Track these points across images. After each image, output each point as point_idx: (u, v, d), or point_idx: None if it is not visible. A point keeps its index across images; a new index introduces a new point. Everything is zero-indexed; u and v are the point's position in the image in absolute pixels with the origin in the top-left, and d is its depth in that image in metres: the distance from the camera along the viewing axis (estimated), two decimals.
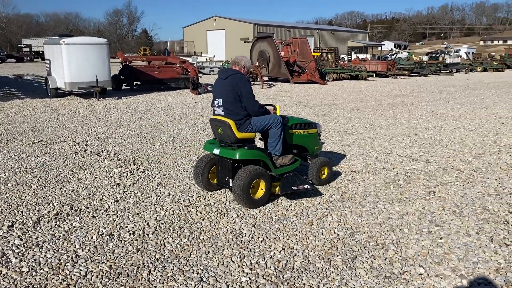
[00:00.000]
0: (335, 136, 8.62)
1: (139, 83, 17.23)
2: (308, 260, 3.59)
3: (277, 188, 4.77)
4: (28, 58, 43.08)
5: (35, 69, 29.74)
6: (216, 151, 4.76)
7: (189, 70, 16.90)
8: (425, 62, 36.42)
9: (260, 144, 5.46)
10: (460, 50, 52.98)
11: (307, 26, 69.82)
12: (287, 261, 3.57)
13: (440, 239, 4.01)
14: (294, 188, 4.72)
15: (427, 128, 9.54)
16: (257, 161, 4.78)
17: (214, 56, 38.73)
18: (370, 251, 3.77)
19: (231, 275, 3.33)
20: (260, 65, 20.92)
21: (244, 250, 3.75)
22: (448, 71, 32.59)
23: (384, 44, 69.49)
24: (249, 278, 3.30)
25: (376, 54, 56.05)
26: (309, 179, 5.21)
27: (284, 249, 3.78)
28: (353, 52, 44.79)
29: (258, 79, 20.02)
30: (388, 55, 44.83)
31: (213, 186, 5.11)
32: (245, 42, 31.16)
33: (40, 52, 42.08)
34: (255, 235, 4.04)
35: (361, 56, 45.72)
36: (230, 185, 4.76)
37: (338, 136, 8.61)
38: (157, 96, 15.18)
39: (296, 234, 4.08)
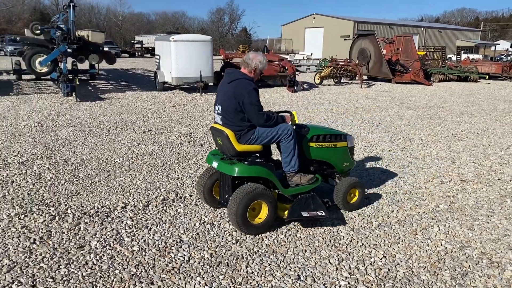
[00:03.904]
0: (442, 141, 8.02)
1: None
2: (412, 271, 3.37)
3: (286, 212, 4.00)
4: (139, 53, 46.88)
5: (145, 64, 32.19)
6: (215, 164, 4.08)
7: (286, 68, 16.98)
8: None
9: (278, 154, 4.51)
10: None
11: (411, 24, 66.12)
12: (388, 269, 3.39)
13: None
14: (304, 214, 3.92)
15: None
16: (265, 178, 4.02)
17: (311, 54, 38.49)
18: (484, 269, 3.43)
19: (329, 277, 3.25)
20: (360, 63, 20.30)
21: (343, 253, 3.64)
22: None
23: (498, 44, 63.28)
24: (348, 283, 3.19)
25: (488, 55, 51.25)
26: (334, 203, 4.44)
27: (385, 256, 3.60)
28: (462, 52, 41.46)
29: (357, 78, 19.47)
30: (503, 56, 40.68)
31: (216, 202, 4.42)
32: (345, 39, 30.53)
33: (150, 48, 45.54)
34: (354, 239, 3.91)
35: (471, 56, 42.12)
36: None
37: (446, 141, 8.00)
38: None
39: (399, 243, 3.86)
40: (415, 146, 7.55)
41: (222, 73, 17.65)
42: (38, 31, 15.45)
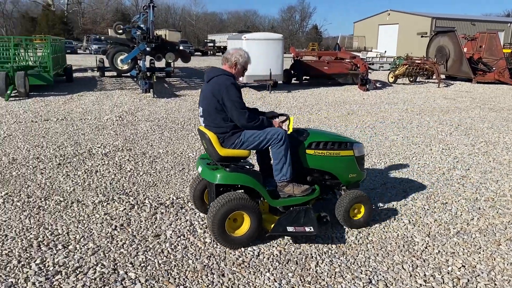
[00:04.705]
0: None
1: (307, 77, 17.64)
2: (495, 284, 3.14)
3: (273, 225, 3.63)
4: (211, 52, 48.25)
5: (217, 62, 33.04)
6: (200, 170, 3.76)
7: (358, 66, 16.57)
8: None
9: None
10: None
11: (496, 19, 61.33)
12: (468, 280, 3.19)
13: None
14: (290, 229, 3.53)
15: None
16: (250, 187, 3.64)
17: (385, 51, 37.19)
18: None
19: (403, 283, 3.13)
20: (438, 61, 19.26)
21: (417, 259, 3.48)
22: None
23: None
24: None
25: None
26: (337, 218, 3.98)
27: (464, 266, 3.39)
28: None
29: (434, 77, 18.50)
30: None
31: (206, 208, 4.02)
32: (422, 36, 29.14)
33: (222, 47, 46.68)
34: (429, 246, 3.72)
35: None
36: None
37: None
38: (324, 90, 15.30)
39: (479, 252, 3.61)
40: (499, 151, 7.02)
41: (292, 71, 17.67)
42: (121, 31, 16.46)
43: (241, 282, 3.09)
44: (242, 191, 3.73)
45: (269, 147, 3.68)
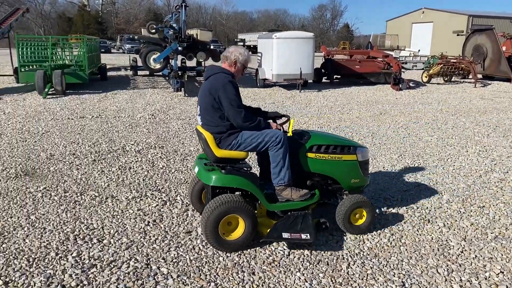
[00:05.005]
0: None
1: (338, 76, 17.44)
2: None
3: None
4: None
5: None
6: (196, 170, 3.71)
7: (391, 65, 16.25)
8: None
9: None
10: None
11: None
12: (507, 286, 3.08)
13: None
14: (285, 235, 3.40)
15: None
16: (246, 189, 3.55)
17: (418, 50, 36.30)
18: None
19: None
20: (474, 61, 18.65)
21: (453, 264, 3.38)
22: None
23: None
24: None
25: None
26: (338, 224, 3.82)
27: (502, 272, 3.27)
28: None
29: (470, 76, 17.94)
30: None
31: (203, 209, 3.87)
32: (458, 35, 28.36)
33: (252, 46, 46.77)
34: (465, 250, 3.61)
35: None
36: None
37: None
38: (355, 90, 15.09)
39: None
40: None
41: (322, 70, 17.52)
42: (153, 30, 16.74)
43: (271, 281, 3.09)
44: (239, 193, 3.63)
45: (268, 150, 3.56)
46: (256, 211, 3.69)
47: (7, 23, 15.81)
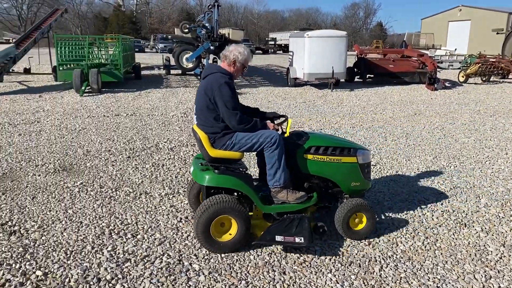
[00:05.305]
0: None
1: (371, 75, 17.16)
2: None
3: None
4: (272, 50, 48.41)
5: (276, 60, 33.11)
6: (191, 170, 3.68)
7: (426, 64, 15.85)
8: None
9: None
10: None
11: None
12: None
13: None
14: (278, 238, 3.30)
15: None
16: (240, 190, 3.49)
17: (455, 49, 35.21)
18: None
19: None
20: None
21: (491, 270, 3.27)
22: None
23: None
24: None
25: None
26: (337, 229, 3.69)
27: None
28: None
29: (510, 76, 17.27)
30: None
31: None
32: (497, 33, 27.35)
33: (283, 45, 46.69)
34: (505, 256, 3.48)
35: None
36: None
37: None
38: (389, 89, 14.80)
39: None
40: None
41: (355, 69, 17.28)
42: (186, 30, 16.96)
43: (302, 281, 3.07)
44: (235, 194, 3.57)
45: (263, 151, 3.48)
46: (252, 213, 3.66)
47: (47, 23, 16.41)
